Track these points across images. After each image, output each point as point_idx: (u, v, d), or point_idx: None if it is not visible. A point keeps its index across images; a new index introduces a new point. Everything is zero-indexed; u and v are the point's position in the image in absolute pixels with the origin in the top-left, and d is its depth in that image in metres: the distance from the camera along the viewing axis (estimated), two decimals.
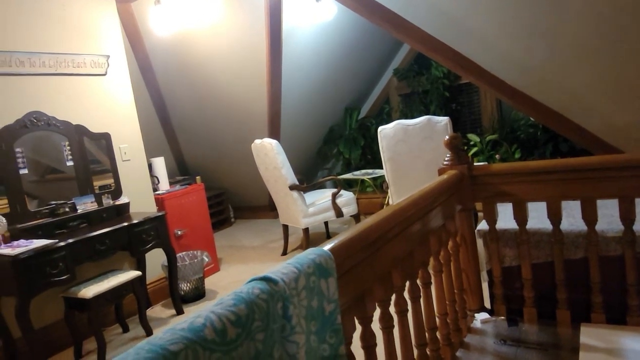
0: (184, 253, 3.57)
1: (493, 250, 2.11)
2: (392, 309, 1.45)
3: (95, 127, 3.14)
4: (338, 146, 5.93)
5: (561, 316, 1.98)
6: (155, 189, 3.76)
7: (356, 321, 1.28)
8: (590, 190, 1.85)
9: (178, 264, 3.25)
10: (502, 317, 2.12)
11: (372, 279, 1.31)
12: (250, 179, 5.45)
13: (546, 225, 2.00)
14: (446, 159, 2.14)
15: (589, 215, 1.86)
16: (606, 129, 3.54)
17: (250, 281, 0.93)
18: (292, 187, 3.70)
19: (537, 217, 2.13)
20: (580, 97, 3.38)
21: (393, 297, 1.49)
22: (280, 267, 1.00)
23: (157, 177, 3.85)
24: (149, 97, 4.96)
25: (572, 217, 2.10)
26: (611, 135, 3.58)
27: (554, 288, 1.99)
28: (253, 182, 5.44)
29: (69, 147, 2.97)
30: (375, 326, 1.35)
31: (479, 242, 2.20)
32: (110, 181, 3.21)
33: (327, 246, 1.13)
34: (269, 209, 5.87)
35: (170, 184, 4.16)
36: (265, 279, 0.93)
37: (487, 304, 2.22)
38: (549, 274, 2.02)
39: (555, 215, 1.93)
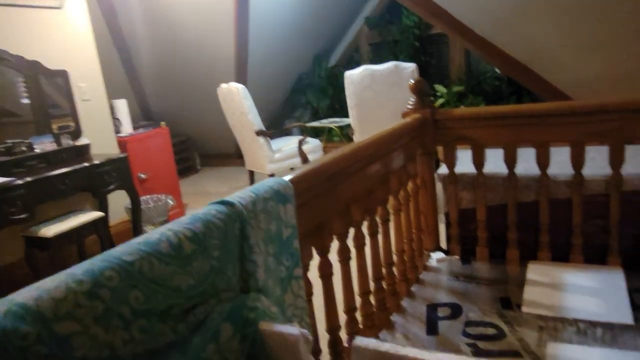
0: (148, 196, 3.54)
1: (451, 193, 2.19)
2: (350, 244, 1.51)
3: (51, 64, 2.99)
4: (306, 95, 5.88)
5: (511, 255, 2.10)
6: (117, 132, 3.66)
7: (314, 251, 1.32)
8: (544, 136, 1.92)
9: (142, 207, 3.23)
10: (457, 256, 2.23)
11: (331, 212, 1.35)
12: (216, 126, 5.36)
13: (502, 169, 2.08)
14: (410, 102, 2.16)
15: (542, 160, 1.94)
16: (568, 81, 3.63)
17: (208, 205, 0.94)
18: (259, 133, 3.68)
19: (494, 162, 2.20)
20: (546, 50, 3.43)
21: (352, 231, 1.54)
22: (238, 193, 1.01)
23: (119, 120, 3.74)
24: (110, 37, 4.73)
25: (526, 162, 2.18)
26: (572, 88, 3.68)
27: (506, 229, 2.10)
28: (220, 129, 5.35)
29: (23, 84, 2.83)
30: (334, 258, 1.40)
31: (439, 186, 2.28)
32: (69, 121, 3.10)
33: (287, 177, 1.16)
34: (235, 156, 5.83)
35: (134, 128, 4.06)
36: (223, 202, 0.95)
37: (444, 245, 2.32)
38: (502, 216, 2.12)
39: (510, 160, 2.01)
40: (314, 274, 1.33)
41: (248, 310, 0.85)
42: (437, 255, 2.24)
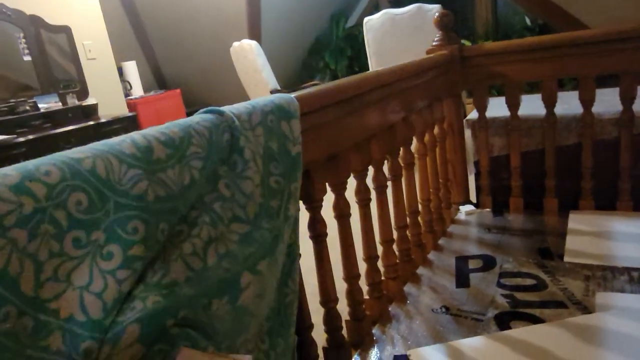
0: None
1: (481, 139, 1.99)
2: (370, 185, 1.34)
3: (53, 20, 2.86)
4: (323, 57, 5.64)
5: (548, 204, 1.89)
6: (127, 95, 3.54)
7: (328, 188, 1.16)
8: (588, 67, 1.69)
9: None
10: (488, 209, 2.04)
11: (346, 143, 1.17)
12: (233, 93, 5.20)
13: (537, 111, 1.86)
14: (435, 39, 1.94)
15: (586, 95, 1.72)
16: (606, 24, 3.32)
17: None
18: (273, 92, 3.50)
19: (529, 107, 1.99)
20: None
21: (372, 171, 1.37)
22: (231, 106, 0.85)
23: (129, 82, 3.61)
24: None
25: (566, 104, 1.96)
26: None
27: (543, 177, 1.89)
28: (236, 96, 5.20)
29: (24, 40, 2.71)
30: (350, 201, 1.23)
31: (468, 135, 2.08)
32: (75, 81, 2.97)
33: (293, 94, 0.99)
34: None
35: (145, 91, 3.93)
36: (210, 111, 0.78)
37: (474, 199, 2.13)
38: (539, 163, 1.90)
39: (549, 97, 1.78)
40: (327, 213, 1.17)
41: (172, 320, 0.61)
42: (466, 208, 2.06)
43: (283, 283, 0.87)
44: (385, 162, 1.44)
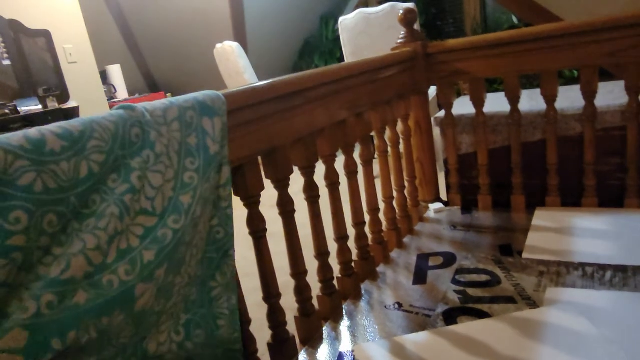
0: None
1: (449, 137, 1.99)
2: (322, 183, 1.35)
3: (32, 24, 2.88)
4: (314, 60, 5.65)
5: (516, 202, 1.89)
6: (112, 98, 3.56)
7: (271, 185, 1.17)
8: (549, 61, 1.68)
9: None
10: (457, 207, 2.04)
11: (287, 139, 1.18)
12: None
13: (503, 108, 1.86)
14: (400, 36, 1.95)
15: (549, 90, 1.72)
16: None
17: None
18: None
19: (496, 104, 1.99)
20: None
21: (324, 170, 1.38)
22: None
23: (113, 86, 3.63)
24: (105, 3, 4.60)
25: (534, 101, 1.96)
26: None
27: (511, 174, 1.89)
28: None
29: (3, 45, 2.73)
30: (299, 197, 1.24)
31: (437, 133, 2.08)
32: (55, 84, 3.00)
33: (222, 92, 0.99)
34: None
35: (130, 94, 3.95)
36: (123, 107, 0.79)
37: (445, 197, 2.13)
38: (506, 160, 1.90)
39: (512, 92, 1.78)
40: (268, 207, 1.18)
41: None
42: (435, 206, 2.05)
43: (209, 277, 0.88)
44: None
